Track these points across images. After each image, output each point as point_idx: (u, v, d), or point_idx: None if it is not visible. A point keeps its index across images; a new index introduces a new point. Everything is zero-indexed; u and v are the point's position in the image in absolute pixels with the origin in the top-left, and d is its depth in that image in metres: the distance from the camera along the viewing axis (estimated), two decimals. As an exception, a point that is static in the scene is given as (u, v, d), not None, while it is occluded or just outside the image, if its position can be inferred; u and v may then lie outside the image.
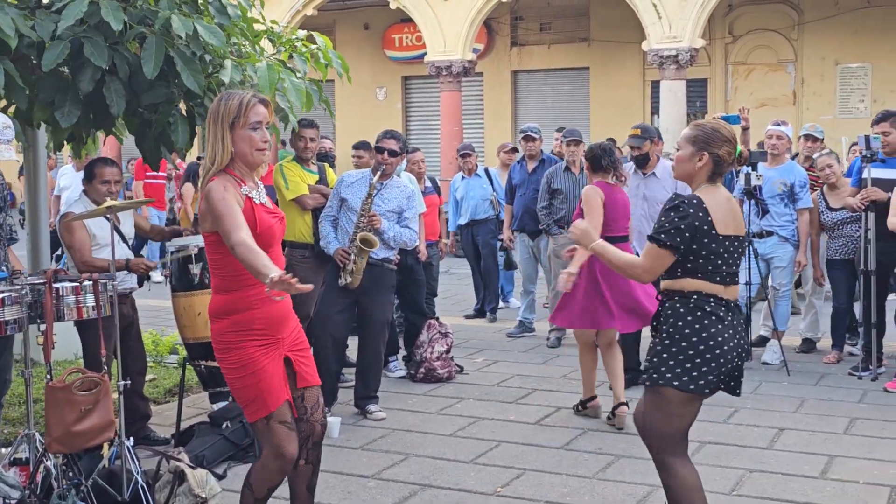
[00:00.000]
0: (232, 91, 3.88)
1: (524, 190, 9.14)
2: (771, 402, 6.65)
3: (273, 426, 3.73)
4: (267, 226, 3.74)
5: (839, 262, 7.78)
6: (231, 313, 3.70)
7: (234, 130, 3.70)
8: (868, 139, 7.19)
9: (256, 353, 3.70)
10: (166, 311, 7.09)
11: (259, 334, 3.71)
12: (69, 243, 5.49)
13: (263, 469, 3.80)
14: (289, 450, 3.75)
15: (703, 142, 3.80)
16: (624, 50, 19.82)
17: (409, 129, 22.03)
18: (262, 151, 3.76)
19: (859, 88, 19.01)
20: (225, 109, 3.70)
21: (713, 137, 3.80)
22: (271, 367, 3.72)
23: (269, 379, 3.71)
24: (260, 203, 3.77)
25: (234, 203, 3.60)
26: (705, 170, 3.83)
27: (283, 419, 3.74)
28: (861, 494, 4.87)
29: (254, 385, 3.70)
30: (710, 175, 3.83)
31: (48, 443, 4.42)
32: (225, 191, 3.62)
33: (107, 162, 5.74)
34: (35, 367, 5.40)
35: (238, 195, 3.67)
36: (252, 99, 3.72)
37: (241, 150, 3.72)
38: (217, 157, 3.70)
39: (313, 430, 3.92)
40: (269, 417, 3.72)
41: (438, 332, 7.53)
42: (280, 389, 3.74)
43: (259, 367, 3.69)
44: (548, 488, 5.00)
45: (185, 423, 5.85)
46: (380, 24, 22.07)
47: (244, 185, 3.74)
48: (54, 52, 4.71)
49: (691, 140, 3.84)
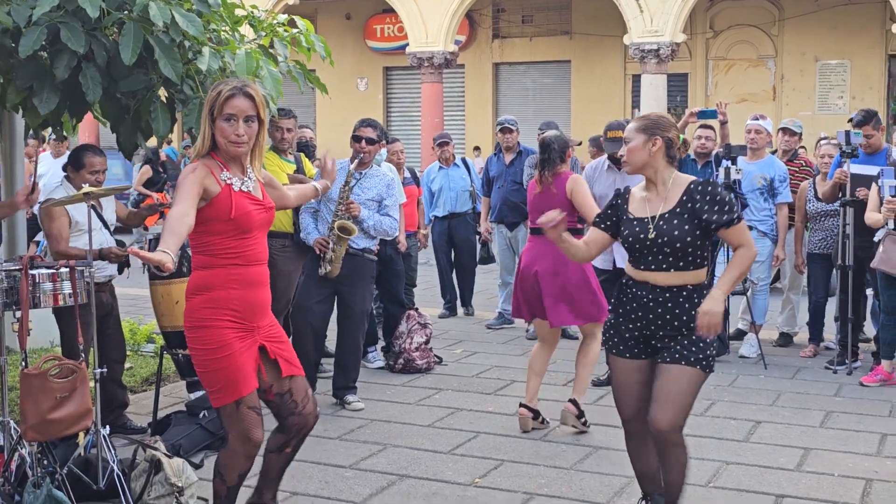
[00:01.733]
0: (227, 79, 3.87)
1: (502, 182, 9.14)
2: (748, 395, 6.69)
3: (243, 411, 3.71)
4: (243, 211, 3.71)
5: (818, 256, 7.83)
6: (208, 289, 3.68)
7: (215, 120, 3.70)
8: (848, 135, 7.22)
9: (231, 335, 3.67)
10: (144, 299, 7.05)
11: (234, 316, 3.68)
12: (48, 230, 5.44)
13: (232, 455, 3.79)
14: (256, 434, 3.74)
15: (653, 128, 4.00)
16: (605, 43, 19.88)
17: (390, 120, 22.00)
18: (236, 144, 3.71)
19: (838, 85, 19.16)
20: (208, 97, 3.73)
21: (660, 123, 4.02)
22: (244, 352, 3.70)
23: (243, 363, 3.69)
24: (242, 190, 3.75)
25: (192, 183, 3.60)
26: (660, 154, 3.99)
27: (252, 404, 3.72)
28: (836, 487, 4.90)
29: (225, 368, 3.68)
30: (666, 159, 4.01)
31: (24, 431, 4.38)
32: (192, 172, 3.64)
33: (95, 151, 5.69)
34: (10, 355, 5.35)
35: (215, 180, 3.68)
36: (230, 91, 3.68)
37: (218, 139, 3.72)
38: (199, 143, 3.77)
39: (306, 423, 3.89)
40: (240, 402, 3.70)
41: (418, 323, 7.52)
42: (251, 376, 3.72)
43: (233, 351, 3.67)
44: (525, 479, 5.01)
45: (161, 412, 5.82)
46: (361, 14, 22.02)
47: (226, 170, 3.73)
48: (31, 37, 4.64)
49: (641, 129, 4.01)
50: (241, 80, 3.81)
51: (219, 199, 3.66)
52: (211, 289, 3.68)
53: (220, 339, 3.65)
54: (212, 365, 3.70)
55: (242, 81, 3.79)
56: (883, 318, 7.05)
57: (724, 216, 3.90)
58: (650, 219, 3.96)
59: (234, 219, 3.68)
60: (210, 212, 3.66)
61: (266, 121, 3.82)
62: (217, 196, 3.66)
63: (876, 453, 5.45)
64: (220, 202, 3.66)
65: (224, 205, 3.66)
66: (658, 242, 3.91)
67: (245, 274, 3.72)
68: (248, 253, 3.73)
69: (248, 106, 3.70)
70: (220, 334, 3.66)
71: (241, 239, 3.71)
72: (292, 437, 3.90)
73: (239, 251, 3.71)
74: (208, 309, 3.67)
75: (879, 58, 18.65)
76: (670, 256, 3.92)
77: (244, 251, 3.72)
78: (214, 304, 3.67)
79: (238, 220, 3.69)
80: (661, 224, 3.93)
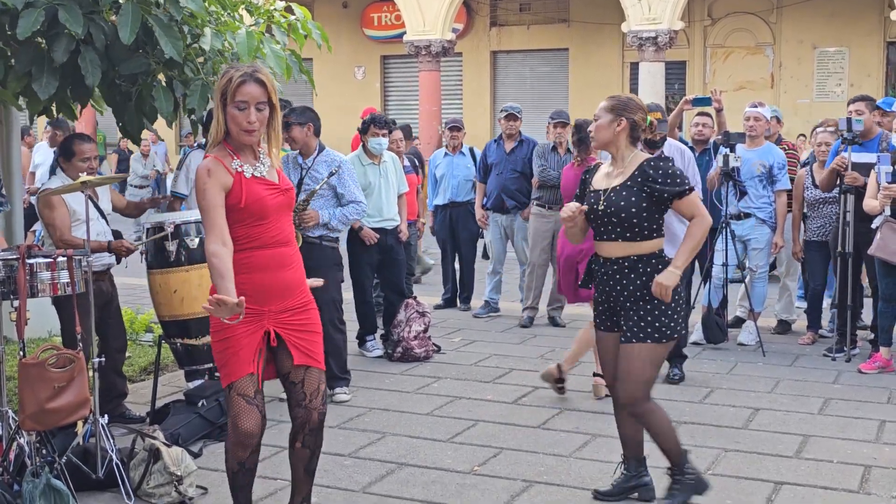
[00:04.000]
0: (235, 64, 3.82)
1: (500, 169, 9.04)
2: (746, 383, 6.69)
3: (232, 396, 3.71)
4: (256, 198, 3.68)
5: (816, 243, 7.83)
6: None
7: (227, 107, 3.67)
8: (850, 121, 7.18)
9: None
10: (142, 288, 7.04)
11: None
12: (49, 220, 5.42)
13: (228, 440, 3.80)
14: (244, 424, 3.71)
15: (621, 109, 4.28)
16: (603, 31, 19.83)
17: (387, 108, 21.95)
18: (248, 133, 3.67)
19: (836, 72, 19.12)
20: (219, 84, 3.70)
21: (629, 105, 4.30)
22: (245, 338, 3.69)
23: (239, 347, 3.68)
24: (255, 176, 3.72)
25: (213, 195, 3.59)
26: (624, 134, 4.29)
27: (242, 391, 3.70)
28: (834, 474, 4.91)
29: (223, 351, 3.70)
30: (629, 139, 4.28)
31: (22, 420, 4.37)
32: (209, 176, 3.60)
33: (84, 139, 5.68)
34: (8, 345, 5.35)
35: (227, 171, 3.65)
36: (241, 77, 3.63)
37: (230, 127, 3.70)
38: (213, 131, 3.73)
39: (310, 418, 3.84)
40: (231, 387, 3.71)
41: (416, 312, 7.52)
42: (246, 361, 3.70)
43: (232, 334, 3.67)
44: (524, 467, 5.01)
45: (160, 402, 5.82)
46: (359, 2, 21.95)
47: (236, 158, 3.71)
48: (28, 19, 4.61)
49: (609, 109, 4.31)
50: (252, 66, 3.76)
51: (231, 190, 3.65)
52: None
53: (222, 322, 3.64)
54: (216, 346, 3.75)
55: (253, 67, 3.75)
56: (881, 305, 7.04)
57: (675, 187, 4.18)
58: (603, 191, 4.28)
59: (246, 207, 3.66)
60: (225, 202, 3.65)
61: (278, 106, 3.77)
62: (230, 186, 3.65)
63: (874, 440, 5.45)
64: (232, 192, 3.65)
65: (235, 194, 3.65)
66: (608, 213, 4.22)
67: (261, 257, 3.70)
68: (264, 237, 3.71)
69: (260, 92, 3.67)
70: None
71: (256, 226, 3.70)
72: (298, 431, 3.87)
73: (255, 236, 3.70)
74: None
75: (878, 45, 18.61)
76: (619, 227, 4.22)
77: (261, 235, 3.71)
78: None
79: (251, 208, 3.67)
80: (612, 196, 4.24)
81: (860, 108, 7.30)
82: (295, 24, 5.89)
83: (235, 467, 3.81)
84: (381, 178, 7.45)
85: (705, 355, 7.53)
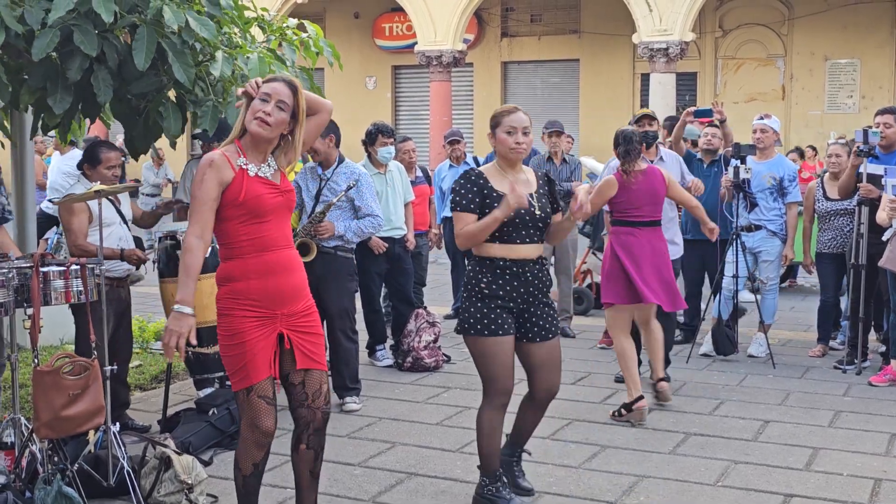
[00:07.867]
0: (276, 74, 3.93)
1: None
2: (756, 395, 6.69)
3: (252, 399, 3.74)
4: (254, 195, 3.72)
5: (828, 255, 7.82)
6: (229, 280, 3.74)
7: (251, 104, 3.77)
8: (866, 133, 7.15)
9: (248, 324, 3.71)
10: (152, 297, 7.07)
11: (253, 305, 3.72)
12: (67, 224, 5.49)
13: (243, 443, 3.82)
14: (264, 423, 3.76)
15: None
16: (614, 42, 19.84)
17: (398, 118, 22.01)
18: (260, 122, 3.71)
19: (848, 84, 19.09)
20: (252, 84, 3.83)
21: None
22: (261, 342, 3.73)
23: (256, 351, 3.72)
24: (258, 175, 3.76)
25: (208, 188, 3.66)
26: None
27: (263, 393, 3.75)
28: (845, 487, 4.90)
29: (240, 355, 3.73)
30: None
31: (36, 427, 4.39)
32: (210, 167, 3.67)
33: (110, 146, 5.75)
34: (21, 352, 5.38)
35: (230, 166, 3.70)
36: (273, 77, 3.80)
37: (247, 119, 3.76)
38: (236, 125, 3.83)
39: (314, 417, 3.89)
40: (250, 390, 3.73)
41: (426, 322, 7.53)
42: (264, 364, 3.75)
43: (248, 339, 3.71)
44: (534, 478, 5.01)
45: (171, 410, 5.84)
46: (370, 13, 22.02)
47: (243, 156, 3.75)
48: (44, 40, 4.64)
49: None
50: (288, 76, 3.89)
51: (231, 184, 3.70)
52: (231, 280, 3.74)
53: (236, 326, 3.70)
54: (228, 350, 3.77)
55: (289, 77, 3.86)
56: (893, 317, 7.03)
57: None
58: (532, 195, 4.44)
59: (244, 202, 3.69)
60: (223, 197, 3.70)
61: (303, 122, 3.82)
62: (230, 182, 3.70)
63: (885, 453, 5.44)
64: (232, 186, 3.70)
65: (235, 189, 3.69)
66: (541, 217, 4.45)
67: (265, 261, 3.73)
68: (265, 238, 3.74)
69: (286, 94, 3.74)
70: (236, 322, 3.71)
71: (255, 224, 3.72)
72: (302, 432, 3.89)
73: (255, 237, 3.73)
74: (230, 299, 3.74)
75: (889, 57, 18.59)
76: (543, 229, 4.49)
77: (261, 236, 3.73)
78: (234, 294, 3.73)
79: (248, 204, 3.70)
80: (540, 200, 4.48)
81: (888, 120, 7.28)
82: (307, 41, 5.93)
83: (249, 469, 3.84)
84: (387, 188, 7.49)
85: (715, 367, 7.52)
